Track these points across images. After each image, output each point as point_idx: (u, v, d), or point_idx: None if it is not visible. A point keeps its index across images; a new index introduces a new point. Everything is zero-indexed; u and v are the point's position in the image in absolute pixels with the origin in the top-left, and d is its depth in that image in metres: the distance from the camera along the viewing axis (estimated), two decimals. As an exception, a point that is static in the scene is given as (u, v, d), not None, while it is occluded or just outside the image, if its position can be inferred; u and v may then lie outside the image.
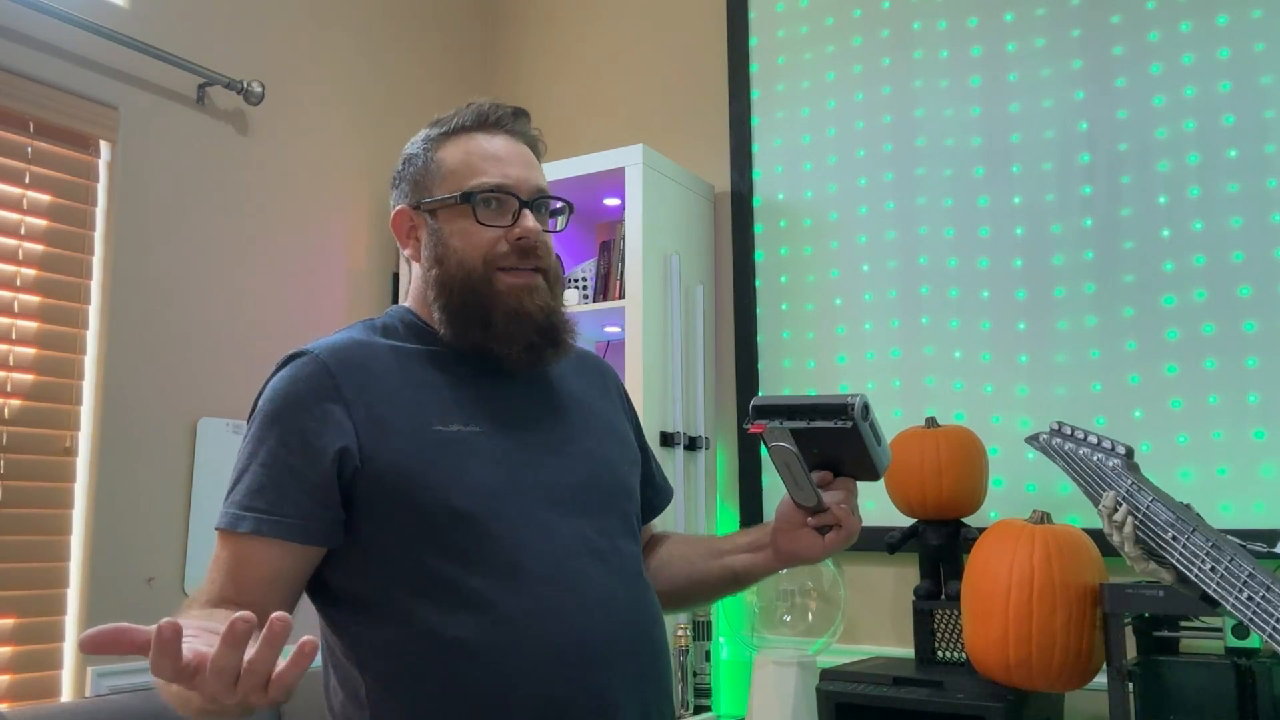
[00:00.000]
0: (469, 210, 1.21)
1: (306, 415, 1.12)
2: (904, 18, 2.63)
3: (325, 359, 1.16)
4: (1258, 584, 1.15)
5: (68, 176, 2.22)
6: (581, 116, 3.18)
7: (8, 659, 2.04)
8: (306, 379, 1.15)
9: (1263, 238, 2.16)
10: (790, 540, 1.25)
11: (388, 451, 1.12)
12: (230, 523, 1.11)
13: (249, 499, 1.10)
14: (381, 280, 2.93)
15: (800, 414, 1.14)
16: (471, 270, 1.19)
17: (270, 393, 1.17)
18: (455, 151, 1.24)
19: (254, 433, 1.15)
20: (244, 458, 1.15)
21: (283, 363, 1.20)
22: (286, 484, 1.10)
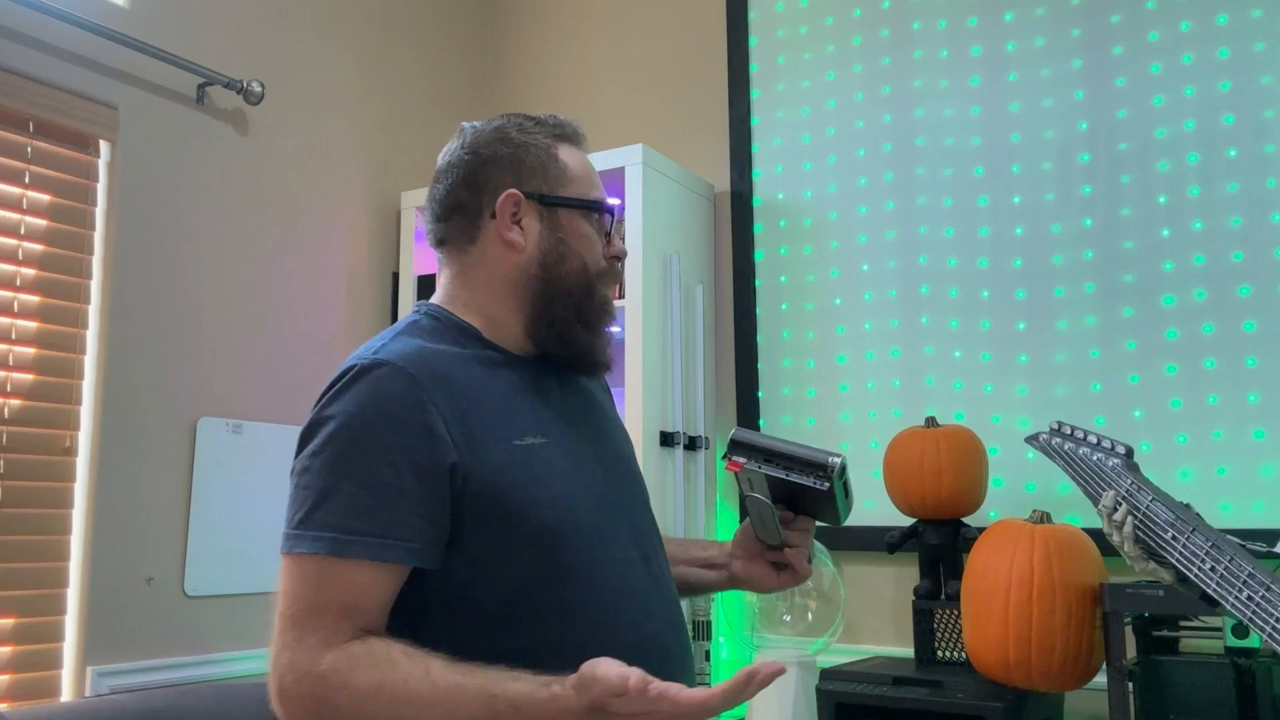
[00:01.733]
0: (594, 220, 1.22)
1: (406, 431, 1.06)
2: (904, 17, 2.63)
3: (410, 370, 1.09)
4: (1257, 584, 1.15)
5: (68, 176, 2.22)
6: (581, 116, 3.15)
7: (8, 659, 2.04)
8: (398, 393, 1.08)
9: (1263, 238, 2.16)
10: (746, 568, 1.31)
11: (482, 467, 1.09)
12: (335, 548, 1.03)
13: (352, 521, 1.04)
14: (381, 280, 2.93)
15: (779, 461, 1.17)
16: (590, 278, 1.21)
17: (353, 407, 1.08)
18: (574, 159, 1.24)
19: (337, 450, 1.06)
20: (328, 477, 1.06)
21: (357, 373, 1.09)
22: (396, 505, 1.05)
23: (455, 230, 1.22)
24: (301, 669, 1.00)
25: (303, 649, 1.01)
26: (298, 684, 1.00)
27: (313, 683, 1.00)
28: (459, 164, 1.22)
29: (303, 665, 1.01)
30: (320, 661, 1.00)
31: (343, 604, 1.03)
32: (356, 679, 0.99)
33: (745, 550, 1.32)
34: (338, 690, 0.99)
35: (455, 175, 1.22)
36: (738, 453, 1.18)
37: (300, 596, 1.04)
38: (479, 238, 1.21)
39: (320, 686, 1.00)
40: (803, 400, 2.64)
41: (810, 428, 2.62)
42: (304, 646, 1.01)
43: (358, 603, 1.04)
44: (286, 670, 1.01)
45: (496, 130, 1.23)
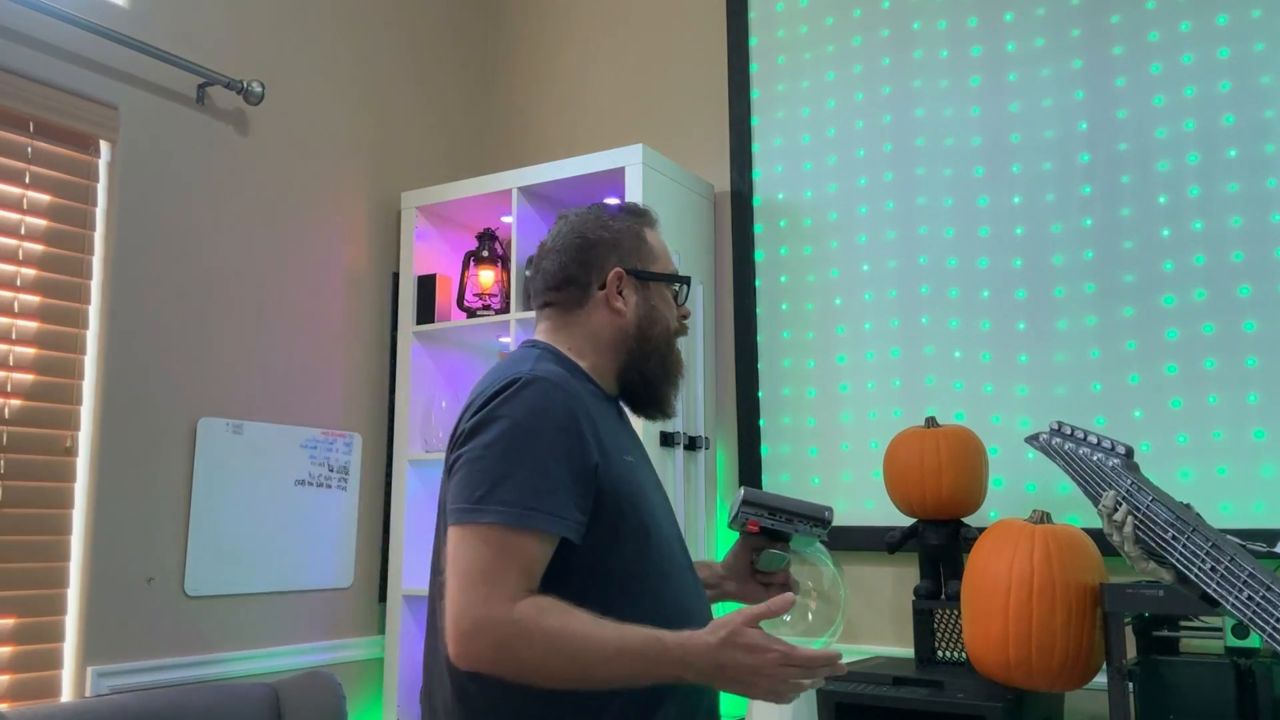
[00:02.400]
0: (671, 290, 1.52)
1: (566, 434, 1.31)
2: (904, 18, 2.63)
3: (564, 386, 1.35)
4: (1258, 584, 1.15)
5: (68, 176, 2.23)
6: (581, 116, 3.18)
7: (8, 659, 2.05)
8: (559, 403, 1.32)
9: (1263, 238, 2.16)
10: (740, 589, 1.58)
11: (609, 472, 1.35)
12: (515, 519, 1.25)
13: (528, 499, 1.26)
14: (381, 281, 2.93)
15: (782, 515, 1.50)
16: (671, 337, 1.50)
17: (524, 410, 1.31)
18: (656, 240, 1.53)
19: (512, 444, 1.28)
20: (504, 464, 1.27)
21: (523, 384, 1.32)
22: (560, 490, 1.28)
23: (567, 296, 1.49)
24: (496, 617, 1.21)
25: (495, 601, 1.22)
26: (491, 629, 1.21)
27: (506, 627, 1.21)
28: (571, 246, 1.50)
29: (497, 614, 1.21)
30: (511, 611, 1.22)
31: (521, 566, 1.25)
32: (544, 623, 1.22)
33: (736, 574, 1.58)
34: (529, 632, 1.21)
35: (568, 254, 1.49)
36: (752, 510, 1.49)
37: (485, 558, 1.24)
38: (587, 303, 1.48)
39: (512, 630, 1.21)
40: (803, 400, 2.65)
41: (810, 427, 2.62)
42: (496, 599, 1.22)
43: (529, 566, 1.26)
44: (481, 618, 1.22)
45: (597, 218, 1.51)
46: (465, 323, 2.79)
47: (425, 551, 2.79)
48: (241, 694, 2.25)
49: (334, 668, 2.63)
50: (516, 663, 1.22)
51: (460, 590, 1.23)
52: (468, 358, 3.03)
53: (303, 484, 2.62)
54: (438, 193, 2.89)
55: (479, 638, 1.21)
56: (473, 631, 1.21)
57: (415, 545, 2.78)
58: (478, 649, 1.21)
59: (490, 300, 2.83)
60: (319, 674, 2.36)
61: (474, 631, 1.21)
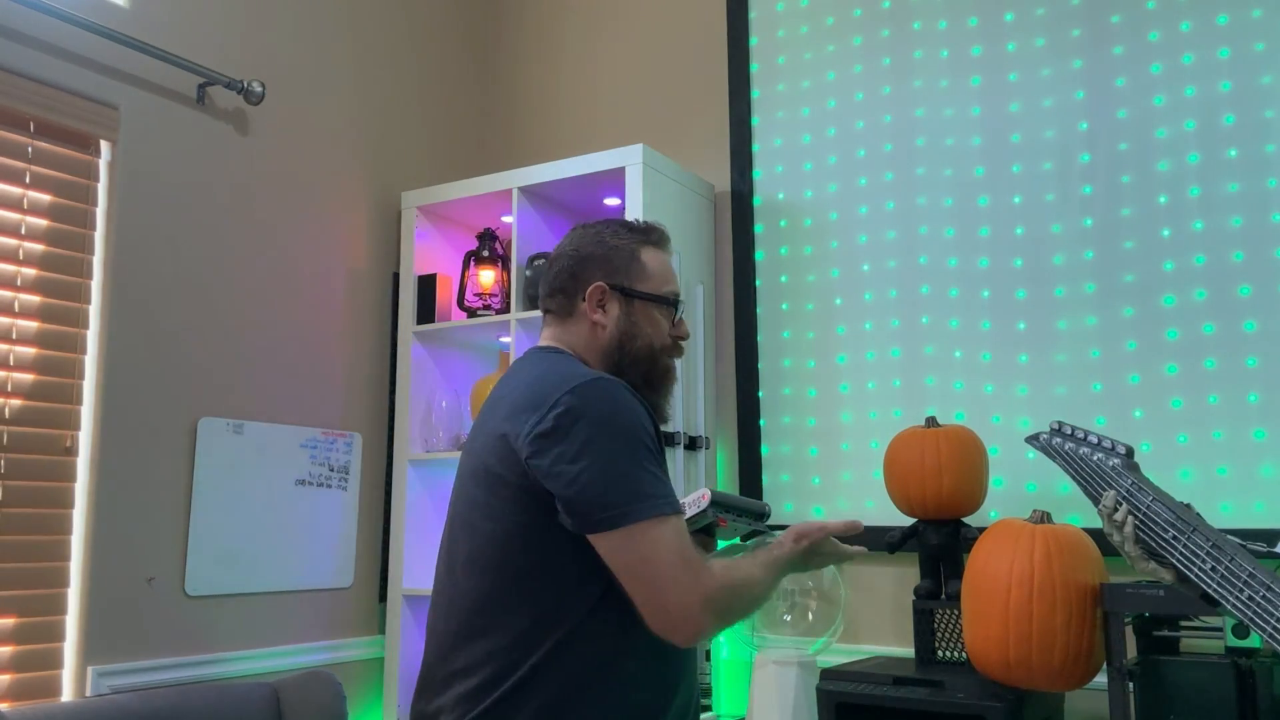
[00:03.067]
0: (664, 310, 1.60)
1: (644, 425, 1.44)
2: (904, 18, 2.63)
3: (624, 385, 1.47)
4: (1258, 584, 1.15)
5: (68, 176, 2.23)
6: (581, 116, 3.18)
7: (8, 659, 2.05)
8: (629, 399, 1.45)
9: (1263, 238, 2.16)
10: None
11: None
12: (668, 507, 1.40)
13: (666, 489, 1.41)
14: (381, 280, 2.93)
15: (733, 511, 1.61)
16: (656, 353, 1.58)
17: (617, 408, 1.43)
18: (654, 259, 1.61)
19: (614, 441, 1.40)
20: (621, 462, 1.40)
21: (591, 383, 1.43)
22: (662, 476, 1.44)
23: (558, 304, 1.60)
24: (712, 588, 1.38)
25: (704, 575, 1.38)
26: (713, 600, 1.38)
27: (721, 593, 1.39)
28: (566, 256, 1.61)
29: (711, 586, 1.38)
30: (714, 580, 1.39)
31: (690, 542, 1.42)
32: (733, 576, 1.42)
33: None
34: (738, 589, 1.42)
35: (562, 264, 1.61)
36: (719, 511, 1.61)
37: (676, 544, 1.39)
38: (574, 313, 1.59)
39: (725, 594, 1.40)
40: (803, 400, 2.65)
41: (810, 427, 2.62)
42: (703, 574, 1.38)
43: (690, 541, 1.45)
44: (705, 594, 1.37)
45: (597, 234, 1.62)
46: (465, 323, 2.79)
47: (425, 551, 2.79)
48: (241, 694, 2.25)
49: (334, 668, 2.63)
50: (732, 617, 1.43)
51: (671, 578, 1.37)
52: (468, 358, 3.03)
53: (303, 484, 2.62)
54: (438, 192, 2.89)
55: (709, 611, 1.37)
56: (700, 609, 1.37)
57: (415, 545, 2.78)
58: (710, 620, 1.38)
59: (490, 300, 2.83)
60: (319, 674, 2.36)
61: (704, 607, 1.37)
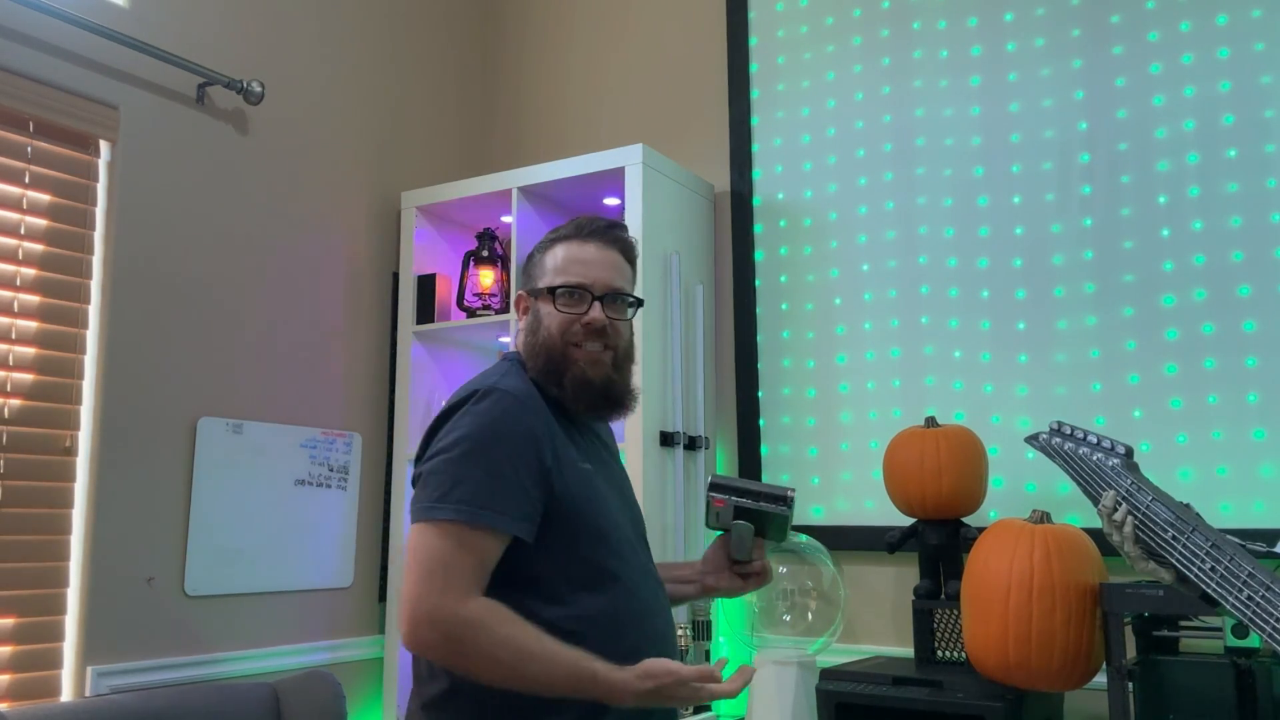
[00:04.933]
0: (551, 299, 1.55)
1: (521, 441, 1.40)
2: (904, 17, 2.63)
3: (520, 398, 1.45)
4: (1257, 583, 1.15)
5: (68, 176, 2.23)
6: (581, 116, 3.18)
7: (8, 659, 2.05)
8: (513, 411, 1.42)
9: (1263, 238, 2.16)
10: (718, 580, 1.65)
11: (563, 477, 1.44)
12: (470, 517, 1.34)
13: (482, 499, 1.35)
14: (381, 280, 2.93)
15: (751, 495, 1.58)
16: (553, 343, 1.53)
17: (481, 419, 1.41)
18: (557, 254, 1.59)
19: (469, 450, 1.38)
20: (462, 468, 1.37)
21: (480, 396, 1.43)
22: (513, 492, 1.38)
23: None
24: (448, 610, 1.30)
25: (450, 594, 1.31)
26: (442, 622, 1.30)
27: (457, 623, 1.30)
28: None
29: (449, 607, 1.31)
30: (464, 607, 1.31)
31: (475, 561, 1.35)
32: (494, 626, 1.31)
33: (714, 566, 1.65)
34: (479, 632, 1.30)
35: None
36: (718, 492, 1.58)
37: (442, 551, 1.33)
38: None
39: (464, 627, 1.30)
40: (803, 400, 2.65)
41: (810, 427, 2.62)
42: (450, 593, 1.31)
43: (483, 561, 1.36)
44: (434, 610, 1.30)
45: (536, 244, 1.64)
46: (465, 322, 2.79)
47: (425, 551, 2.78)
48: (241, 694, 2.25)
49: (334, 668, 2.63)
50: (460, 657, 1.31)
51: (418, 580, 1.32)
52: (468, 357, 3.03)
53: (303, 484, 2.62)
54: (438, 192, 2.89)
55: (432, 627, 1.30)
56: (427, 620, 1.30)
57: (415, 545, 2.77)
58: (428, 637, 1.30)
59: (490, 300, 2.83)
60: (319, 674, 2.36)
61: (428, 620, 1.30)
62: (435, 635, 1.30)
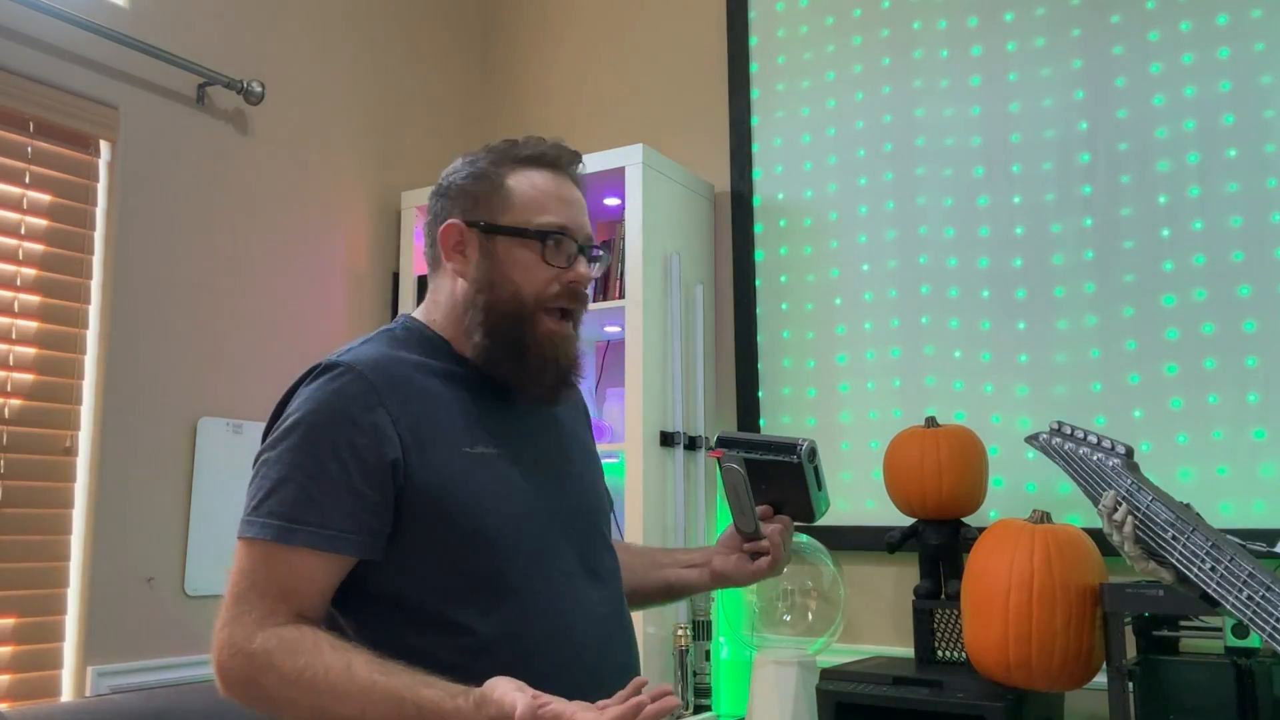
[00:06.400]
0: (535, 246, 1.24)
1: (354, 429, 1.13)
2: (904, 17, 2.63)
3: (365, 372, 1.16)
4: (1257, 583, 1.15)
5: (68, 176, 2.22)
6: (581, 116, 3.18)
7: (8, 659, 2.04)
8: (350, 392, 1.14)
9: (1263, 238, 2.16)
10: (724, 562, 1.37)
11: (427, 469, 1.15)
12: (279, 535, 1.10)
13: (298, 511, 1.10)
14: (381, 280, 2.93)
15: (755, 447, 1.31)
16: (523, 304, 1.23)
17: (310, 404, 1.15)
18: (523, 183, 1.27)
19: (292, 443, 1.13)
20: (281, 467, 1.12)
21: (316, 373, 1.18)
22: (340, 497, 1.11)
23: (429, 255, 1.31)
24: (236, 644, 1.08)
25: (239, 625, 1.08)
26: (232, 659, 1.08)
27: (244, 659, 1.07)
28: (433, 195, 1.31)
29: (238, 641, 1.08)
30: (253, 640, 1.07)
31: (282, 588, 1.09)
32: (282, 661, 1.06)
33: (725, 546, 1.39)
34: (265, 670, 1.06)
35: (431, 206, 1.31)
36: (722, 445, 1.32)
37: (244, 576, 1.11)
38: (439, 266, 1.29)
39: (250, 664, 1.07)
40: (803, 400, 2.64)
41: (810, 427, 2.62)
42: (240, 624, 1.08)
43: (296, 587, 1.10)
44: (224, 644, 1.09)
45: (465, 162, 1.30)
46: (465, 323, 2.79)
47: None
48: (241, 694, 2.25)
49: (334, 668, 2.62)
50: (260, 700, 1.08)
51: (220, 611, 1.11)
52: (468, 358, 3.02)
53: (303, 484, 2.62)
54: (438, 193, 2.88)
55: (226, 668, 1.09)
56: (220, 660, 1.09)
57: (415, 545, 2.77)
58: (226, 680, 1.09)
59: (490, 300, 2.82)
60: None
61: (221, 661, 1.09)
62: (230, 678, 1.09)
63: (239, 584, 1.11)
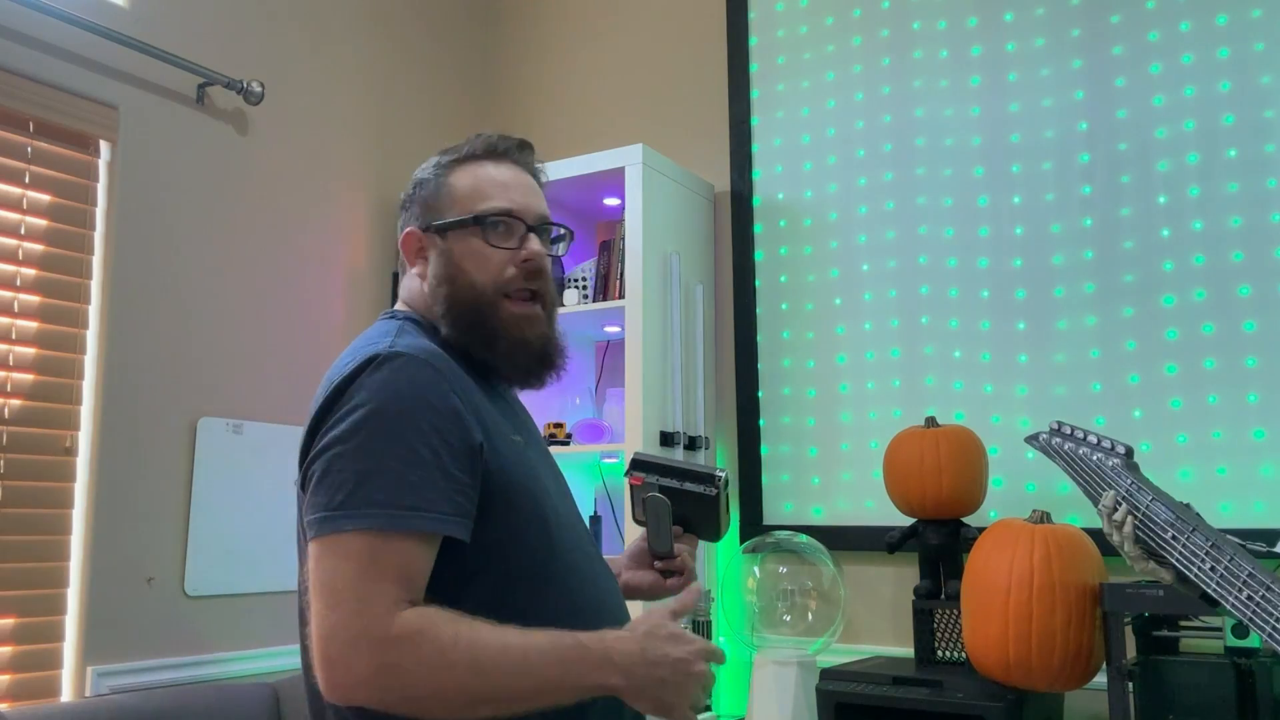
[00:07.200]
0: (479, 232, 1.26)
1: (436, 414, 1.12)
2: (904, 18, 2.63)
3: (429, 359, 1.15)
4: (1257, 583, 1.15)
5: (68, 176, 2.22)
6: (581, 116, 3.18)
7: (8, 659, 2.04)
8: (424, 379, 1.13)
9: (1263, 238, 2.16)
10: (635, 577, 1.42)
11: (496, 453, 1.17)
12: (389, 522, 1.06)
13: (401, 496, 1.07)
14: (381, 280, 2.93)
15: (672, 474, 1.36)
16: (481, 293, 1.25)
17: (386, 392, 1.11)
18: (465, 177, 1.30)
19: (373, 431, 1.09)
20: (368, 457, 1.08)
21: (378, 362, 1.14)
22: (436, 481, 1.09)
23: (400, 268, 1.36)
24: (373, 634, 1.02)
25: (366, 615, 1.03)
26: (369, 651, 1.02)
27: (385, 646, 1.02)
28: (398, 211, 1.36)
29: (374, 631, 1.02)
30: (389, 625, 1.03)
31: (397, 574, 1.06)
32: (436, 634, 1.04)
33: (635, 561, 1.43)
34: (415, 648, 1.03)
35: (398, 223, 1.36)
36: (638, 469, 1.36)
37: (353, 571, 1.05)
38: (408, 269, 1.34)
39: (392, 649, 1.02)
40: (803, 400, 2.64)
41: (810, 427, 2.62)
42: (368, 613, 1.03)
43: (410, 575, 1.07)
44: (355, 639, 1.02)
45: (417, 172, 1.35)
46: (465, 323, 2.79)
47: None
48: (241, 694, 2.25)
49: (334, 668, 2.62)
50: (405, 688, 1.02)
51: (327, 610, 1.04)
52: (468, 358, 3.02)
53: (303, 484, 2.62)
54: (438, 193, 2.89)
55: (355, 663, 1.02)
56: (346, 657, 1.02)
57: (415, 545, 2.77)
58: (355, 676, 1.02)
59: (490, 300, 2.82)
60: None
61: (348, 656, 1.02)
62: (363, 671, 1.02)
63: (345, 577, 1.04)
